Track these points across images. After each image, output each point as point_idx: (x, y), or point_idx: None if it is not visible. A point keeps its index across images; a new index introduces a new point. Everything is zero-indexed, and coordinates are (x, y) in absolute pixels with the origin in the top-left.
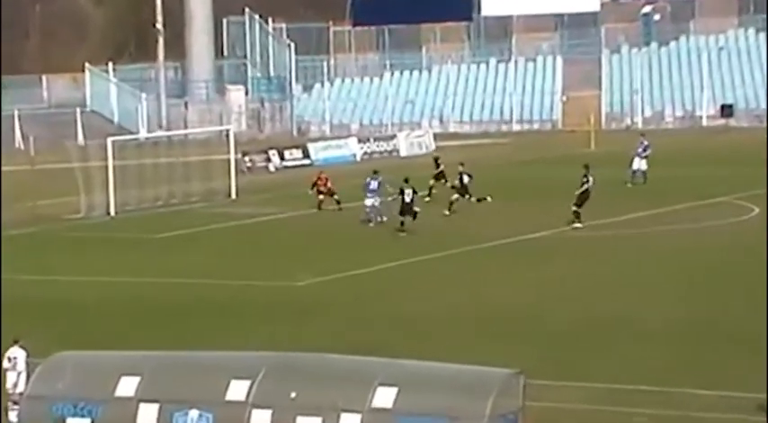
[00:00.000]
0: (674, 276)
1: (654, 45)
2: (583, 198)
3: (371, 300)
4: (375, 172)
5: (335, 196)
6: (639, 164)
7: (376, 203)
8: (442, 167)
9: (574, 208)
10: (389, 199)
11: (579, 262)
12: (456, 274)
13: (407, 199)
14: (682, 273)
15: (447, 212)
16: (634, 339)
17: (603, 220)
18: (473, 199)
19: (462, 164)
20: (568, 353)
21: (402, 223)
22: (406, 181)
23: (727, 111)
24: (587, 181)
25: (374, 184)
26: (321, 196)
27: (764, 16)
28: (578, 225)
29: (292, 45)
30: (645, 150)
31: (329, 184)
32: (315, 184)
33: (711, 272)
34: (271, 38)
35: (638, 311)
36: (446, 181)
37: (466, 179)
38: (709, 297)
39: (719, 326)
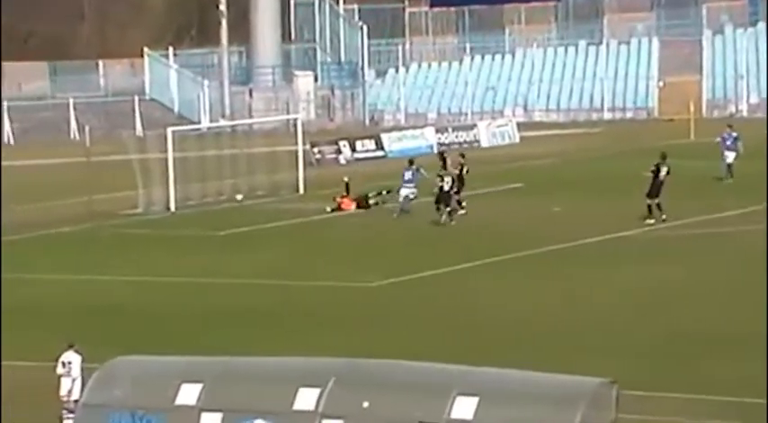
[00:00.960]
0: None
1: (761, 25)
2: (654, 190)
3: (446, 303)
4: (411, 162)
5: None
6: (729, 156)
7: (410, 195)
8: (450, 163)
9: (648, 201)
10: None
11: (670, 264)
12: (538, 276)
13: (446, 187)
14: None
15: (463, 211)
16: (728, 348)
17: (699, 217)
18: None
19: (463, 155)
20: (662, 362)
21: (443, 210)
22: (444, 166)
23: None
24: (658, 171)
25: (408, 175)
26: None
27: None
28: (650, 221)
29: (365, 28)
30: (734, 142)
31: None
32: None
33: None
34: (341, 20)
35: (731, 319)
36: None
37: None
38: None
39: None
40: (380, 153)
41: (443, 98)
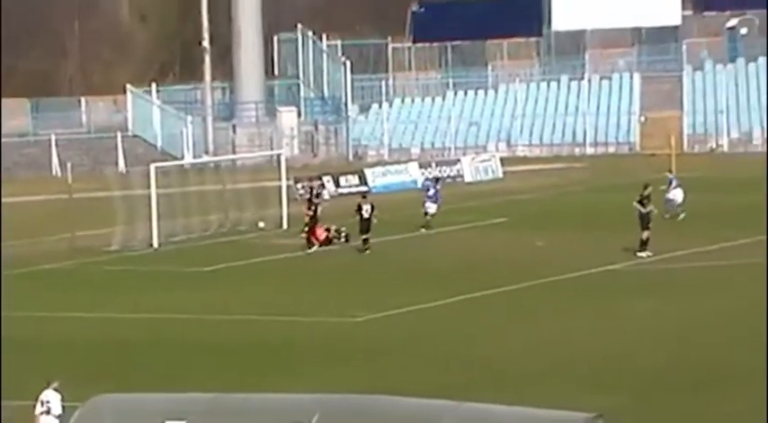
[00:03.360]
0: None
1: (740, 61)
2: (644, 223)
3: (431, 338)
4: (437, 179)
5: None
6: (675, 194)
7: (431, 211)
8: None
9: (644, 234)
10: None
11: (659, 297)
12: (526, 309)
13: (365, 215)
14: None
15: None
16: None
17: (685, 250)
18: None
19: (365, 195)
20: (657, 396)
21: (365, 241)
22: (364, 196)
23: None
24: (645, 203)
25: (432, 191)
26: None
27: None
28: (642, 254)
29: (348, 63)
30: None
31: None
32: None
33: None
34: (325, 56)
35: (723, 354)
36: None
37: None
38: None
39: None
40: (364, 188)
41: (427, 133)
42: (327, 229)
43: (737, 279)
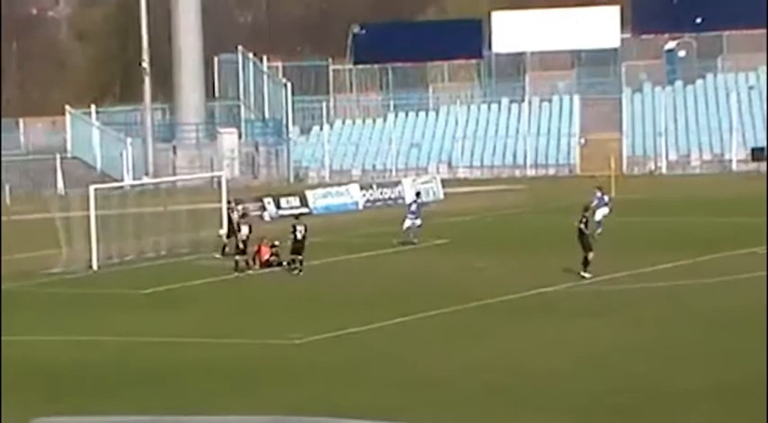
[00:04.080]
0: (705, 335)
1: (679, 84)
2: (584, 243)
3: (372, 360)
4: (418, 194)
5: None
6: (599, 214)
7: (412, 225)
8: (237, 219)
9: (588, 255)
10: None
11: (596, 319)
12: (464, 331)
13: (299, 236)
14: (715, 331)
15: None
16: (668, 406)
17: (622, 272)
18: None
19: (298, 217)
20: (596, 419)
21: (294, 262)
22: (297, 217)
23: (758, 154)
24: (587, 223)
25: (414, 206)
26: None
27: None
28: (586, 275)
29: (289, 85)
30: (605, 202)
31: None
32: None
33: (748, 330)
34: (266, 77)
35: (668, 376)
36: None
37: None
38: (743, 359)
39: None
40: (305, 210)
41: (368, 155)
42: (273, 246)
43: (674, 301)
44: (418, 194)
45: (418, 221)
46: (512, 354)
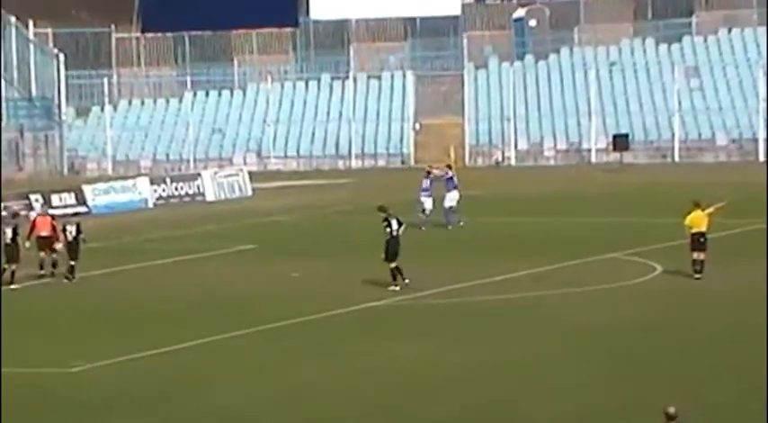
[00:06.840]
0: (561, 355)
1: (529, 59)
2: (389, 250)
3: (166, 389)
4: (428, 173)
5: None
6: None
7: (428, 206)
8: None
9: (391, 265)
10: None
11: (432, 338)
12: (279, 353)
13: (69, 237)
14: (573, 351)
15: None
16: None
17: (463, 283)
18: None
19: (76, 214)
20: None
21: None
22: (74, 216)
23: (620, 143)
24: (389, 226)
25: (426, 183)
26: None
27: (665, 23)
28: (394, 288)
29: (62, 56)
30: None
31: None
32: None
33: (617, 353)
34: (32, 46)
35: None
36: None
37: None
38: (612, 383)
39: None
40: (83, 209)
41: (160, 142)
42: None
43: (527, 316)
44: (429, 173)
45: (430, 201)
46: (337, 378)
